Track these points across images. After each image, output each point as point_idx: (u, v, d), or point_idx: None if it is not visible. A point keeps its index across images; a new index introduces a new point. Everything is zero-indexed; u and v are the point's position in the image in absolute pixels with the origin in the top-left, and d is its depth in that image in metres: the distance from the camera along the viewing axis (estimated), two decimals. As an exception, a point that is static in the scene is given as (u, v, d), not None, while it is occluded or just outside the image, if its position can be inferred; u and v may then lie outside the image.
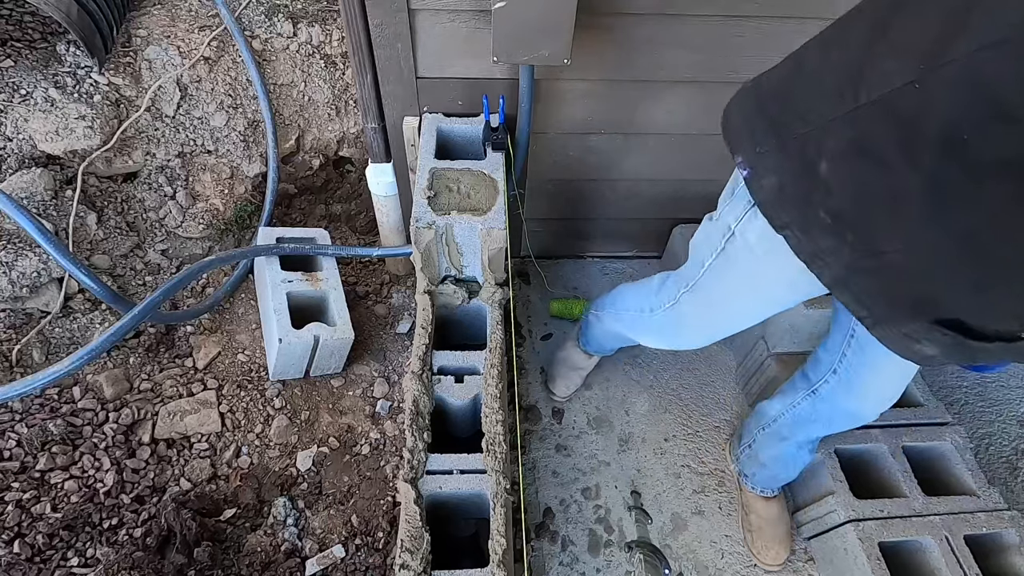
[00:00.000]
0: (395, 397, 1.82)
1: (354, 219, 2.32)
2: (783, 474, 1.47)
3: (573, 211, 1.98)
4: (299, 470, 1.64)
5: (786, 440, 1.37)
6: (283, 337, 1.62)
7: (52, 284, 1.69)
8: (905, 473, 1.50)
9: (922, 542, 1.41)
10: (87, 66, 1.79)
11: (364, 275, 2.13)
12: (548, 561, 1.54)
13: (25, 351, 1.65)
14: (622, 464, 1.72)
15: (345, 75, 2.10)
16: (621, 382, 1.89)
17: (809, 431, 1.30)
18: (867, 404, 1.15)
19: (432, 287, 1.47)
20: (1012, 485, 1.74)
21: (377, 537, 1.54)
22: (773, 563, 1.52)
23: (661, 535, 1.60)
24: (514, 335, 1.93)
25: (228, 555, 1.46)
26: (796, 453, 1.38)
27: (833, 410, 1.21)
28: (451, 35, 1.42)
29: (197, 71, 1.93)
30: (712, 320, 1.13)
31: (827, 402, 1.22)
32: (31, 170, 1.69)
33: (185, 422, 1.63)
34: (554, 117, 1.63)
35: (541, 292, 2.11)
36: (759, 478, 1.53)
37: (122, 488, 1.51)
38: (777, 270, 0.89)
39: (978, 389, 1.94)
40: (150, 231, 1.93)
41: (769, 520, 1.53)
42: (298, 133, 2.14)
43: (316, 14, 2.06)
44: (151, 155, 1.90)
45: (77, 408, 1.60)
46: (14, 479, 1.45)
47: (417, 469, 1.17)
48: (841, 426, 1.24)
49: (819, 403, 1.24)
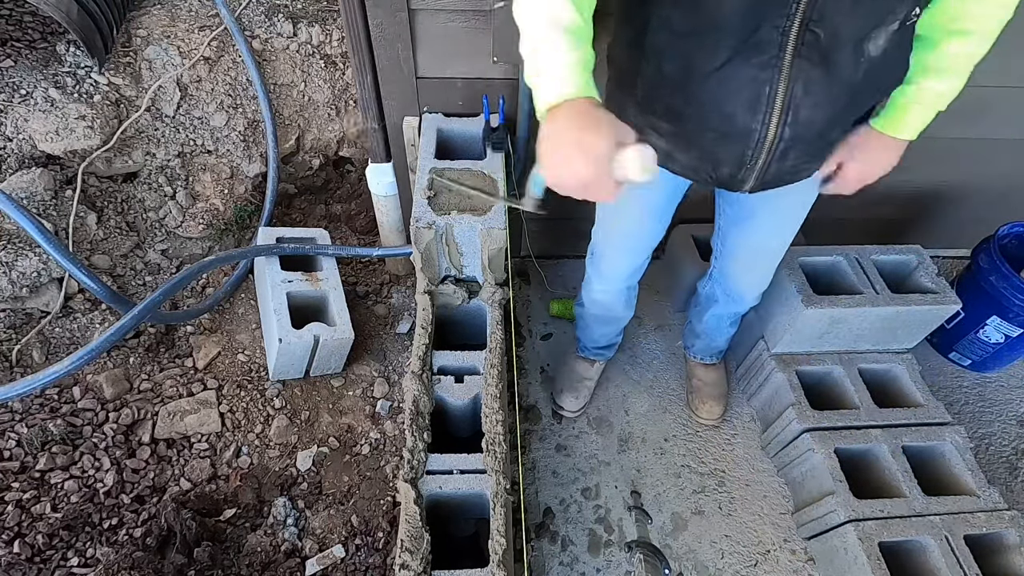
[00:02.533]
0: (395, 397, 1.82)
1: (354, 219, 2.32)
2: (714, 343, 1.73)
3: (573, 211, 1.96)
4: (299, 470, 1.64)
5: (707, 312, 1.62)
6: (283, 337, 1.62)
7: (52, 284, 1.69)
8: (905, 473, 1.50)
9: (922, 542, 1.41)
10: (87, 66, 1.79)
11: (364, 275, 2.13)
12: (548, 561, 1.54)
13: (25, 351, 1.65)
14: (622, 464, 1.72)
15: (345, 75, 2.10)
16: (621, 382, 1.89)
17: (719, 307, 1.57)
18: (739, 285, 1.46)
19: (432, 287, 1.47)
20: (1012, 485, 1.74)
21: (377, 537, 1.54)
22: (707, 417, 1.76)
23: (661, 535, 1.60)
24: (514, 335, 1.93)
25: (228, 555, 1.46)
26: (718, 325, 1.65)
27: (724, 290, 1.51)
28: (451, 35, 1.42)
29: (197, 71, 1.93)
30: (611, 240, 1.38)
31: (718, 283, 1.52)
32: (31, 170, 1.69)
33: (185, 422, 1.63)
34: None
35: (541, 292, 2.11)
36: (697, 348, 1.79)
37: (122, 488, 1.51)
38: None
39: (978, 389, 1.94)
40: (150, 231, 1.93)
41: (706, 382, 1.79)
42: (298, 133, 2.14)
43: (316, 14, 2.06)
44: (151, 155, 1.91)
45: (77, 408, 1.60)
46: (14, 479, 1.45)
47: (417, 469, 1.17)
48: (736, 304, 1.52)
49: (714, 284, 1.54)
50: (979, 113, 1.67)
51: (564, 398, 1.78)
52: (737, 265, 1.43)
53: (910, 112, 0.91)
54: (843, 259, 1.74)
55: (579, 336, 1.77)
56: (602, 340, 1.72)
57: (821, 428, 1.57)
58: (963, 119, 1.67)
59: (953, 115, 0.99)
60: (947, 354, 1.99)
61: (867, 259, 1.73)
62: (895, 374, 1.73)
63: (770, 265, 1.41)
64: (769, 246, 1.35)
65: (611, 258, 1.42)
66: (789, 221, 1.26)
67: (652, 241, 1.37)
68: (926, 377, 1.71)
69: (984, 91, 1.50)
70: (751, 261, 1.41)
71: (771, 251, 1.36)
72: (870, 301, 1.63)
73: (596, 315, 1.63)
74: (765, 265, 1.41)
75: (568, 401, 1.78)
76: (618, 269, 1.44)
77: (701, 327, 1.69)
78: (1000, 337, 1.81)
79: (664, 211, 1.29)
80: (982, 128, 1.73)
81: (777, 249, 1.35)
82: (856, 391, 1.64)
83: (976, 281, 1.78)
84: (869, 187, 1.06)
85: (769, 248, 1.35)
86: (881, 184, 1.05)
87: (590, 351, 1.77)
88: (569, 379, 1.80)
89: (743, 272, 1.44)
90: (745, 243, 1.36)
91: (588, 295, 1.57)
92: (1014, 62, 1.52)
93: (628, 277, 1.46)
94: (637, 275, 1.48)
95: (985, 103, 1.64)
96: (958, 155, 1.83)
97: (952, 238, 2.14)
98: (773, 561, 1.57)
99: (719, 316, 1.61)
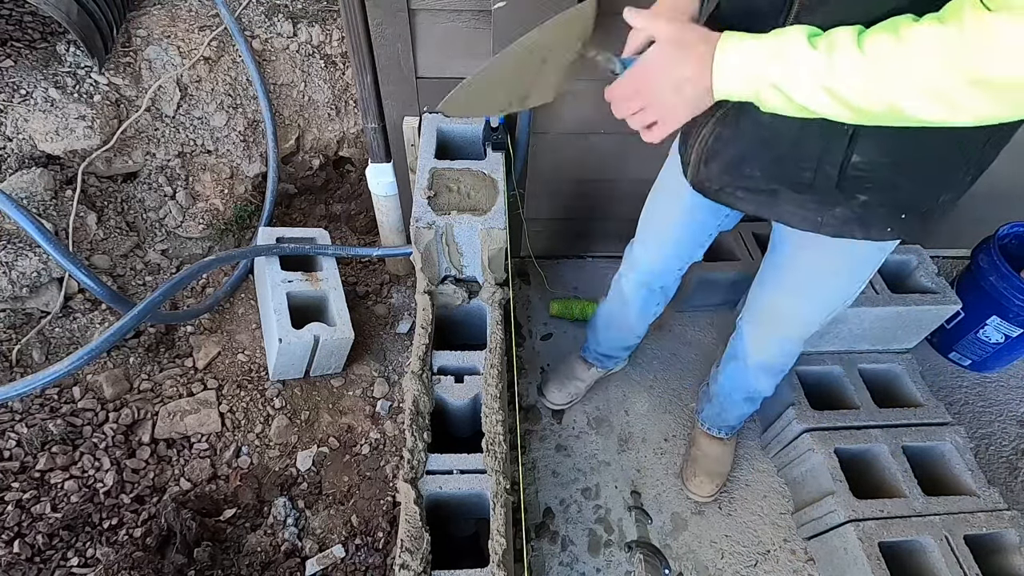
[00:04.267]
0: (395, 397, 1.82)
1: (354, 219, 2.32)
2: (724, 413, 1.60)
3: (573, 211, 1.98)
4: (299, 470, 1.64)
5: (725, 369, 1.51)
6: (283, 337, 1.62)
7: (52, 284, 1.69)
8: (905, 473, 1.50)
9: (922, 542, 1.41)
10: (87, 66, 1.79)
11: (364, 275, 2.13)
12: (548, 561, 1.54)
13: (25, 351, 1.65)
14: (622, 464, 1.72)
15: (345, 75, 2.10)
16: (621, 382, 1.89)
17: (738, 365, 1.44)
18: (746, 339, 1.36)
19: (432, 287, 1.47)
20: (1012, 485, 1.74)
21: (377, 537, 1.54)
22: (696, 492, 1.65)
23: (661, 535, 1.60)
24: (514, 335, 1.93)
25: (228, 555, 1.46)
26: (732, 392, 1.52)
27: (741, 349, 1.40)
28: (451, 35, 1.42)
29: (197, 71, 1.93)
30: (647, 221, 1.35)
31: (738, 334, 1.40)
32: (31, 170, 1.69)
33: (185, 422, 1.63)
34: (554, 117, 1.63)
35: (541, 292, 2.11)
36: (707, 413, 1.66)
37: (122, 488, 1.51)
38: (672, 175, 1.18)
39: (978, 389, 1.94)
40: (150, 231, 1.93)
41: (707, 455, 1.67)
42: (298, 133, 2.14)
43: (316, 14, 2.06)
44: (151, 155, 1.90)
45: (77, 408, 1.60)
46: (14, 479, 1.45)
47: (417, 469, 1.17)
48: (745, 370, 1.41)
49: (736, 337, 1.42)
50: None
51: (549, 388, 1.80)
52: (749, 316, 1.33)
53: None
54: (843, 259, 1.74)
55: (587, 335, 1.77)
56: (605, 345, 1.71)
57: (821, 428, 1.57)
58: (963, 119, 1.67)
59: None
60: (947, 354, 1.99)
61: (867, 259, 1.73)
62: (895, 374, 1.73)
63: (778, 332, 1.28)
64: (779, 304, 1.22)
65: (641, 239, 1.39)
66: (811, 286, 1.13)
67: (684, 242, 1.31)
68: (926, 377, 1.72)
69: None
70: (760, 317, 1.30)
71: (781, 312, 1.23)
72: (870, 301, 1.64)
73: (610, 313, 1.60)
74: (775, 329, 1.28)
75: (552, 392, 1.79)
76: (644, 254, 1.40)
77: (716, 387, 1.58)
78: (1000, 337, 1.81)
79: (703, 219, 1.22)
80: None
81: (788, 314, 1.22)
82: (856, 391, 1.65)
83: (976, 281, 1.78)
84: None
85: (778, 306, 1.23)
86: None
87: (591, 353, 1.77)
88: (560, 372, 1.81)
89: (752, 326, 1.34)
90: (761, 293, 1.26)
91: (615, 286, 1.55)
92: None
93: (649, 271, 1.41)
94: (658, 275, 1.43)
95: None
96: (958, 155, 1.82)
97: (952, 238, 2.14)
98: (773, 561, 1.57)
99: (735, 379, 1.49)
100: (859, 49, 0.61)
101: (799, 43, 0.65)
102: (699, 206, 1.16)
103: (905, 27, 0.59)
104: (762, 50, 0.67)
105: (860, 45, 0.61)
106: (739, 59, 0.69)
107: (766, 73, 0.67)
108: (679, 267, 1.40)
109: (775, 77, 0.67)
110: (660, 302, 1.52)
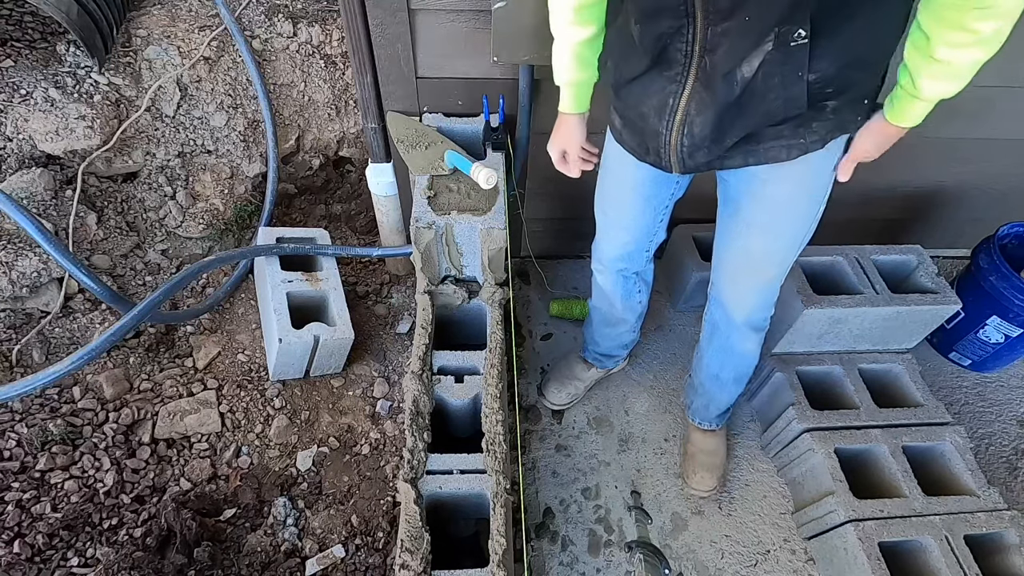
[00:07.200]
0: (395, 397, 1.82)
1: (354, 219, 2.32)
2: (713, 401, 1.60)
3: (573, 211, 1.98)
4: (299, 470, 1.64)
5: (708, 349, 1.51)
6: (283, 337, 1.62)
7: (52, 284, 1.69)
8: (905, 473, 1.50)
9: (922, 542, 1.41)
10: (87, 66, 1.79)
11: (364, 275, 2.13)
12: (548, 561, 1.54)
13: (25, 351, 1.65)
14: (622, 464, 1.72)
15: (345, 75, 2.10)
16: (621, 382, 1.89)
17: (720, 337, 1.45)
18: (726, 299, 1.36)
19: (432, 287, 1.47)
20: (1012, 485, 1.74)
21: (377, 537, 1.54)
22: (697, 487, 1.65)
23: (661, 535, 1.60)
24: (514, 335, 1.93)
25: (228, 555, 1.46)
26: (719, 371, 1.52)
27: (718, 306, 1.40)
28: (451, 35, 1.42)
29: (197, 71, 1.93)
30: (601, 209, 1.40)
31: (714, 302, 1.41)
32: (31, 170, 1.69)
33: (185, 422, 1.63)
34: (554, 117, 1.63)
35: (541, 292, 2.11)
36: (696, 406, 1.67)
37: (122, 488, 1.51)
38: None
39: (978, 389, 1.94)
40: (150, 231, 1.93)
41: (702, 450, 1.67)
42: (298, 133, 2.14)
43: (316, 14, 2.06)
44: (151, 155, 1.91)
45: (77, 408, 1.60)
46: (14, 479, 1.45)
47: (417, 469, 1.17)
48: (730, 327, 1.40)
49: (712, 306, 1.44)
50: (980, 113, 1.67)
51: (549, 388, 1.80)
52: (723, 274, 1.33)
53: (909, 104, 0.94)
54: (843, 259, 1.74)
55: (585, 335, 1.77)
56: (602, 344, 1.71)
57: (821, 428, 1.57)
58: (964, 119, 1.67)
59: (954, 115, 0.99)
60: (947, 354, 1.99)
61: (867, 259, 1.73)
62: (895, 374, 1.73)
63: (755, 279, 1.29)
64: (752, 248, 1.22)
65: (602, 230, 1.42)
66: (776, 220, 1.16)
67: (640, 221, 1.33)
68: (926, 377, 1.71)
69: (985, 91, 1.50)
70: (735, 269, 1.30)
71: (754, 256, 1.23)
72: (870, 301, 1.63)
73: (600, 310, 1.62)
74: (750, 276, 1.29)
75: (551, 392, 1.79)
76: (607, 244, 1.43)
77: (702, 374, 1.56)
78: (1000, 337, 1.81)
79: (652, 194, 1.27)
80: (982, 128, 1.73)
81: (760, 256, 1.23)
82: (856, 391, 1.64)
83: (976, 281, 1.78)
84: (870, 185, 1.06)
85: (751, 251, 1.23)
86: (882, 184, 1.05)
87: (590, 353, 1.77)
88: (560, 372, 1.81)
89: (728, 283, 1.33)
90: (729, 246, 1.26)
91: (594, 285, 1.57)
92: (1015, 63, 1.52)
93: (617, 259, 1.43)
94: (628, 262, 1.44)
95: (986, 103, 1.64)
96: (958, 155, 1.83)
97: (952, 238, 2.14)
98: (773, 561, 1.57)
99: (721, 353, 1.47)
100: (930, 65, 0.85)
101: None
102: (646, 181, 1.24)
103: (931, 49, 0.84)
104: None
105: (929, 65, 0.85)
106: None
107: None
108: (646, 248, 1.43)
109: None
110: (642, 289, 1.55)
